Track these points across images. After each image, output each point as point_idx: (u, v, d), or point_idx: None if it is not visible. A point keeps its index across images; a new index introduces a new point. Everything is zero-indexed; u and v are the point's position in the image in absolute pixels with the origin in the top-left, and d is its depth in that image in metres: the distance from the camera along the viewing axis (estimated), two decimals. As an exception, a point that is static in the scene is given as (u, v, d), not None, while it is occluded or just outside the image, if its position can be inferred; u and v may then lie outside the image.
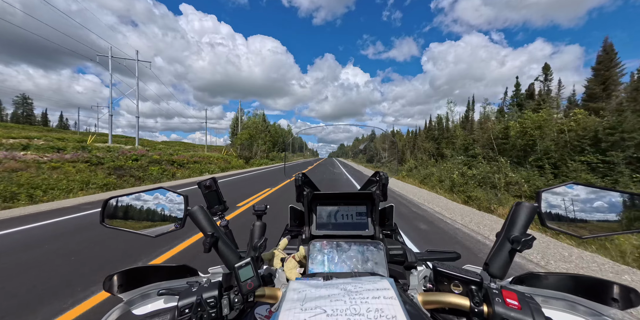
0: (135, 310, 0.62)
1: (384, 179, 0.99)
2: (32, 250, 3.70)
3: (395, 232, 1.24)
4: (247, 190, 9.79)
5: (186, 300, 0.52)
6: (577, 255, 3.90)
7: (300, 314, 0.39)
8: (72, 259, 3.42)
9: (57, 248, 3.81)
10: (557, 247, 4.26)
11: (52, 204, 7.30)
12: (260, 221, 0.92)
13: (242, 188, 10.72)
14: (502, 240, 0.60)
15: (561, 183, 0.60)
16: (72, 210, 6.48)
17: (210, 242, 0.62)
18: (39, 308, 2.31)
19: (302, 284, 0.52)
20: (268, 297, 0.59)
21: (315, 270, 0.76)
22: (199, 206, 0.68)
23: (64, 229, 4.79)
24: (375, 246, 0.80)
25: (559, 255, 3.85)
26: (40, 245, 3.91)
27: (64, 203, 7.34)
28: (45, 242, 4.05)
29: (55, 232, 4.63)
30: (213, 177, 1.00)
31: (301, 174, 1.04)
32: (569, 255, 3.88)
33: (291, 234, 1.21)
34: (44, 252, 3.67)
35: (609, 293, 0.51)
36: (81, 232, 4.57)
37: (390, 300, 0.42)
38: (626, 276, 3.20)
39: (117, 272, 0.59)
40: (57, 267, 3.15)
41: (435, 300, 0.56)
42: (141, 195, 0.67)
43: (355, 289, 0.47)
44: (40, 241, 4.11)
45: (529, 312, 0.46)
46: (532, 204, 0.60)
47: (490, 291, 0.51)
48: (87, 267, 3.19)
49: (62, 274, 2.97)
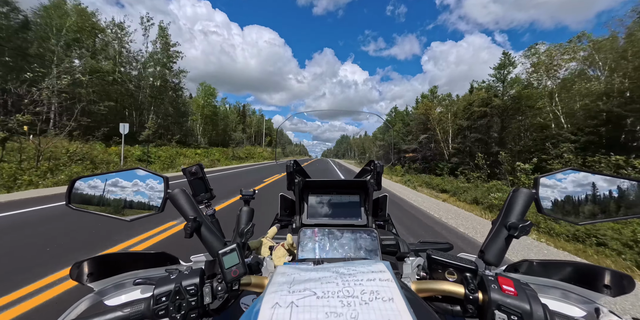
0: (107, 300, 0.57)
1: (379, 168, 0.97)
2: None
3: (388, 222, 1.23)
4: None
5: (163, 287, 0.47)
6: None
7: (287, 296, 0.36)
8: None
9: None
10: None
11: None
12: (248, 206, 0.87)
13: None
14: (498, 227, 0.58)
15: (560, 169, 0.59)
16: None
17: (192, 227, 0.58)
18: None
19: (290, 268, 0.49)
20: (254, 285, 0.55)
21: (305, 257, 0.72)
22: (180, 189, 0.63)
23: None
24: (369, 234, 0.77)
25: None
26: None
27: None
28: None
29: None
30: (199, 163, 0.95)
31: (293, 161, 1.00)
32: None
33: (281, 223, 1.18)
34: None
35: (602, 280, 0.51)
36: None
37: (387, 282, 0.39)
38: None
39: (87, 259, 0.54)
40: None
41: (429, 288, 0.54)
42: (115, 176, 0.61)
43: (348, 271, 0.44)
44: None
45: (525, 298, 0.45)
46: (530, 190, 0.59)
47: (486, 278, 0.49)
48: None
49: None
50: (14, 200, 6.13)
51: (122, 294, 0.58)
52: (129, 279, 0.59)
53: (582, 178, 0.57)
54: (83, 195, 0.60)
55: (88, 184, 0.61)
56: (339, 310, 0.33)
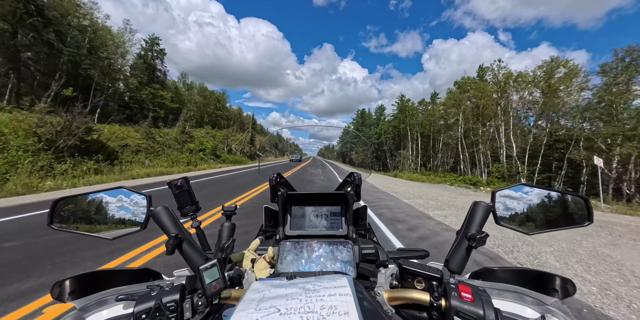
0: (89, 317, 0.58)
1: (357, 180, 1.02)
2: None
3: (369, 231, 1.27)
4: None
5: (144, 305, 0.49)
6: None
7: (253, 314, 0.39)
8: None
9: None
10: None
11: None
12: (230, 222, 0.90)
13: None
14: (460, 238, 0.64)
15: (513, 184, 0.65)
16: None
17: (174, 243, 0.60)
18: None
19: (263, 284, 0.52)
20: (234, 298, 0.58)
21: (284, 271, 0.75)
22: (162, 206, 0.65)
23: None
24: (345, 245, 0.81)
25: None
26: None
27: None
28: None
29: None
30: (185, 176, 0.97)
31: (276, 174, 1.03)
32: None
33: (265, 235, 1.20)
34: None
35: (551, 284, 0.57)
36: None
37: (345, 297, 0.43)
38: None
39: (69, 278, 0.55)
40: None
41: (399, 297, 0.58)
42: (97, 194, 0.63)
43: (313, 287, 0.47)
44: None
45: (480, 304, 0.49)
46: (488, 203, 0.65)
47: (448, 286, 0.54)
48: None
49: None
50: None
51: (103, 310, 0.59)
52: (111, 296, 0.60)
53: (531, 192, 0.64)
54: (65, 215, 0.62)
55: (70, 204, 0.62)
56: None
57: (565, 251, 4.27)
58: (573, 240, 4.87)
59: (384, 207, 7.45)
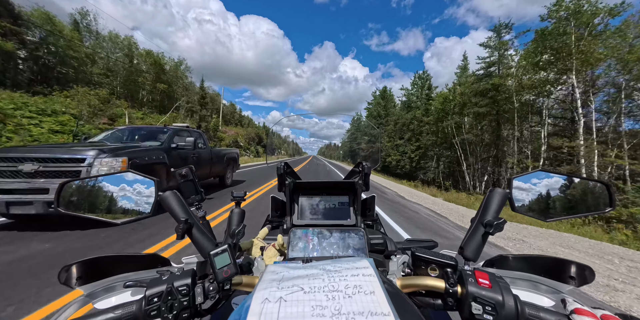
0: (97, 303, 0.57)
1: (367, 169, 1.00)
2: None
3: (376, 222, 1.26)
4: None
5: (155, 288, 0.48)
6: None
7: (276, 292, 0.38)
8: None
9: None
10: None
11: None
12: (239, 208, 0.88)
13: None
14: (476, 225, 0.63)
15: (531, 171, 0.64)
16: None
17: (184, 228, 0.59)
18: None
19: (279, 266, 0.51)
20: (245, 285, 0.57)
21: (294, 257, 0.74)
22: (171, 191, 0.63)
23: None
24: (357, 233, 0.80)
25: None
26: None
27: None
28: None
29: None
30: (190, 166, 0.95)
31: (283, 164, 1.02)
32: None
33: (272, 224, 1.19)
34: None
35: (567, 271, 0.56)
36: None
37: (369, 277, 0.42)
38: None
39: (75, 262, 0.54)
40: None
41: (413, 284, 0.57)
42: (105, 179, 0.61)
43: (334, 268, 0.46)
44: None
45: (498, 290, 0.48)
46: (505, 190, 0.63)
47: (464, 273, 0.53)
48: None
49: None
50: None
51: (112, 297, 0.58)
52: (119, 282, 0.59)
53: (550, 179, 0.63)
54: (72, 198, 0.60)
55: (76, 188, 0.60)
56: (324, 303, 0.36)
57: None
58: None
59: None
